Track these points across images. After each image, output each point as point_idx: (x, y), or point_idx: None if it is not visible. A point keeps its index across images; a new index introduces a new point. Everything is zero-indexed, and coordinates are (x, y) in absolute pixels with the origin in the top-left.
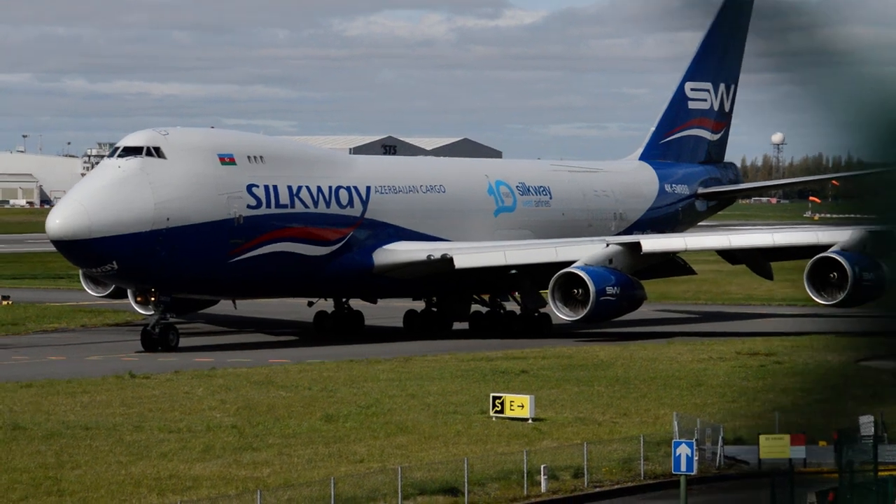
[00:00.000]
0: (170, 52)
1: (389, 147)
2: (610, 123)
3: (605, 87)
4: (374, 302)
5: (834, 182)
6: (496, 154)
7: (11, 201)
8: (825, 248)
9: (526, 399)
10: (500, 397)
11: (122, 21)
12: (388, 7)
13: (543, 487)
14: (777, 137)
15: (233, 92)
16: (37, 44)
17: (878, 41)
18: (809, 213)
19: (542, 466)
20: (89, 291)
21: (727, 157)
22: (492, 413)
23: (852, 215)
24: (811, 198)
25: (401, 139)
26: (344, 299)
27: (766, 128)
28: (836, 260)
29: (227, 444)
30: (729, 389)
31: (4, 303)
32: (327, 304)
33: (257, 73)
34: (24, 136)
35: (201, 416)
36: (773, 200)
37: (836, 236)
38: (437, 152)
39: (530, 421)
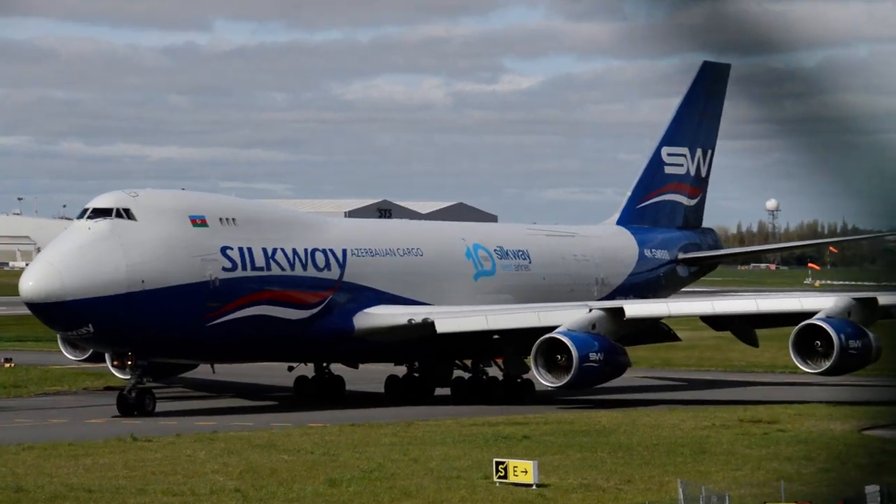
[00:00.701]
0: (168, 115)
1: (385, 211)
2: (605, 188)
3: (600, 152)
4: (356, 367)
5: (831, 249)
6: (491, 218)
7: (10, 263)
8: (810, 314)
9: (529, 465)
10: (503, 462)
11: (121, 84)
12: (387, 71)
13: None
14: (772, 204)
15: (231, 155)
16: (35, 106)
17: (872, 108)
18: (810, 279)
19: None
20: (67, 356)
21: (717, 222)
22: (495, 478)
23: (851, 282)
24: (810, 264)
25: (396, 203)
26: (325, 364)
27: (760, 193)
28: (822, 327)
29: None
30: (733, 457)
31: (7, 365)
32: (307, 369)
33: (255, 137)
34: (20, 199)
35: (204, 479)
36: (773, 266)
37: (820, 303)
38: (432, 216)
39: (534, 487)
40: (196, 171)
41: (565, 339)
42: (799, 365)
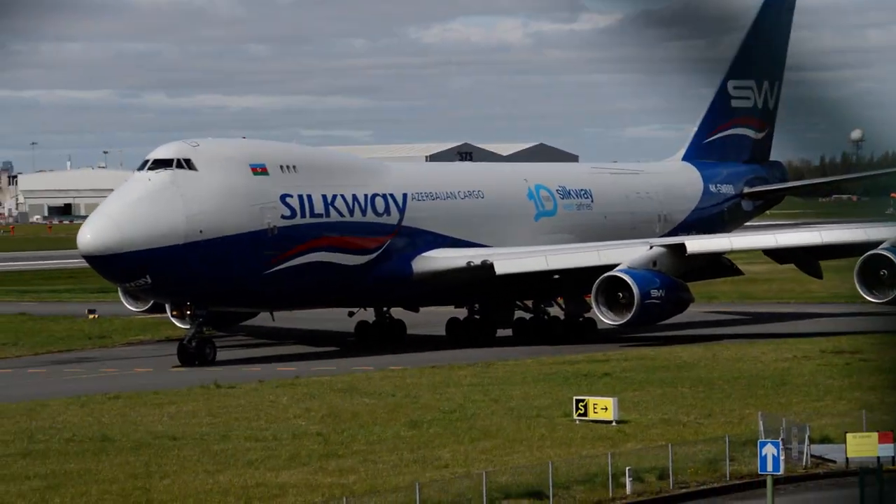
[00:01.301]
0: (247, 65)
1: (465, 154)
2: (687, 124)
3: (681, 88)
4: (416, 310)
5: None
6: (572, 158)
7: None
8: (875, 245)
9: (609, 401)
10: (583, 400)
11: (200, 36)
12: (464, 14)
13: (628, 489)
14: (856, 134)
15: (311, 102)
16: (116, 60)
17: None
18: (892, 209)
19: (626, 468)
20: (128, 306)
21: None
22: (575, 416)
23: None
24: (893, 194)
25: (477, 146)
26: (385, 308)
27: (844, 125)
28: (887, 257)
29: (313, 452)
30: (814, 388)
31: (91, 316)
32: (368, 314)
33: (335, 84)
34: (105, 153)
35: (286, 424)
36: (854, 198)
37: (885, 233)
38: (514, 157)
39: (614, 423)
40: (277, 120)
41: (626, 277)
42: (864, 295)
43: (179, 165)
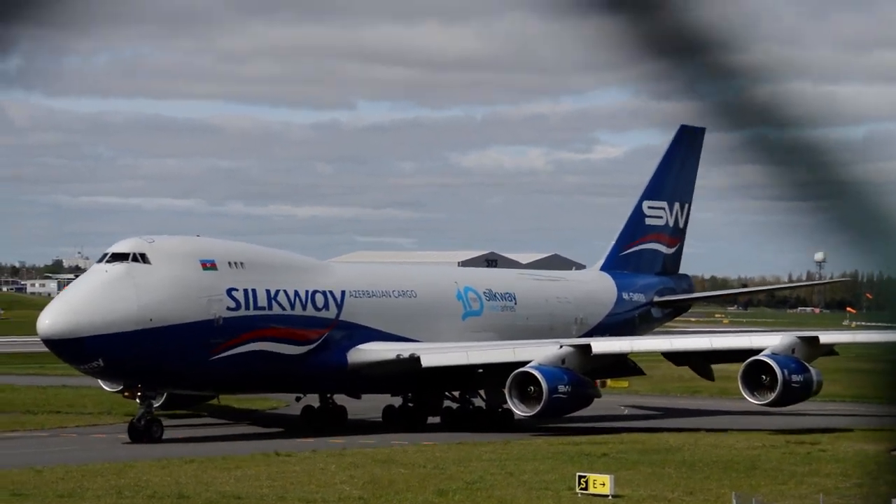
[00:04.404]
0: (314, 180)
1: (491, 261)
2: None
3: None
4: (358, 397)
5: (868, 294)
6: (580, 266)
7: None
8: (759, 351)
9: (607, 478)
10: (584, 476)
11: (275, 155)
12: (498, 143)
13: None
14: (819, 256)
15: (366, 214)
16: (206, 174)
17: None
18: (847, 321)
19: None
20: (103, 386)
21: (772, 272)
22: (577, 490)
23: (886, 324)
24: (848, 308)
25: (501, 254)
26: (328, 395)
27: (808, 248)
28: (768, 363)
29: None
30: (780, 473)
31: None
32: (313, 399)
33: (387, 199)
34: None
35: (334, 489)
36: (817, 310)
37: (767, 341)
38: (531, 265)
39: (611, 497)
40: (337, 227)
41: (536, 373)
42: (747, 397)
43: (135, 259)
